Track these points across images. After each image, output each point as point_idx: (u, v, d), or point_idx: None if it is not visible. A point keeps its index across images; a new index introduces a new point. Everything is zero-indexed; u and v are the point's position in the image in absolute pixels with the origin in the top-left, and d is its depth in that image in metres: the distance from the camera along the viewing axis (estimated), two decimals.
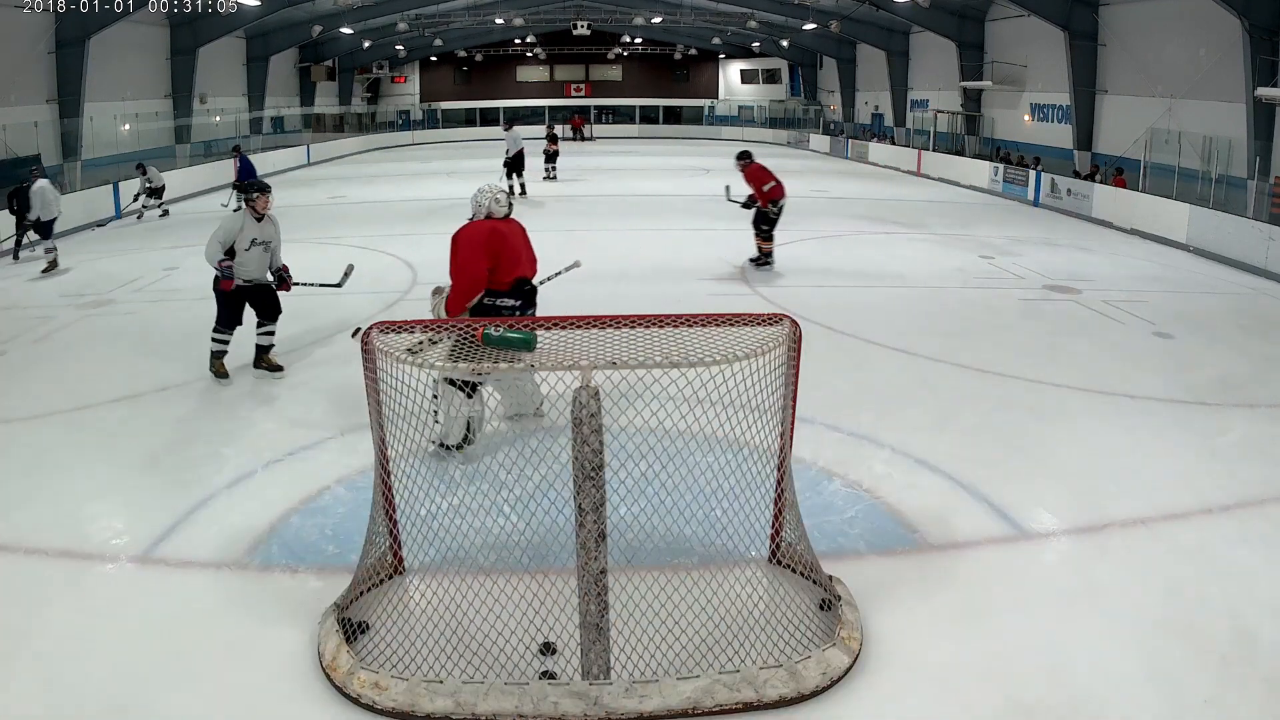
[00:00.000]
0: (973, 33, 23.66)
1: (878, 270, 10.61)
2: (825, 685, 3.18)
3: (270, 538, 4.27)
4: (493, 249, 5.12)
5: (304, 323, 8.16)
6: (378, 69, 38.18)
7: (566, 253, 11.55)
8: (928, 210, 16.56)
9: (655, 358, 3.26)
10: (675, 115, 41.75)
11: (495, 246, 5.13)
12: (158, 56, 22.19)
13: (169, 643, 3.46)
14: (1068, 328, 8.30)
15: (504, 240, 5.19)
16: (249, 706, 3.15)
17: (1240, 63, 14.33)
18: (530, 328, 3.28)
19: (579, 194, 18.58)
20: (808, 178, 18.27)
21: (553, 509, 3.65)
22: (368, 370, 3.56)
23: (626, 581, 3.47)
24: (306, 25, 26.76)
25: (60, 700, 3.15)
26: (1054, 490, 4.83)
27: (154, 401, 6.14)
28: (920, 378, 6.72)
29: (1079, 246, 12.88)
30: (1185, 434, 5.66)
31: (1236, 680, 3.29)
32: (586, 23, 32.32)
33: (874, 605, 3.69)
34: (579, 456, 3.01)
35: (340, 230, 13.09)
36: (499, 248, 5.14)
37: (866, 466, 5.06)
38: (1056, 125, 20.96)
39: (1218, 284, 10.61)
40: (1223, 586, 3.90)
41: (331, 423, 5.65)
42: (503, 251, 5.16)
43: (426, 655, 3.29)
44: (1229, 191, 14.60)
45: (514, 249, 5.26)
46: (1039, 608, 3.74)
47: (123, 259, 11.56)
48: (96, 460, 5.17)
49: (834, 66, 33.43)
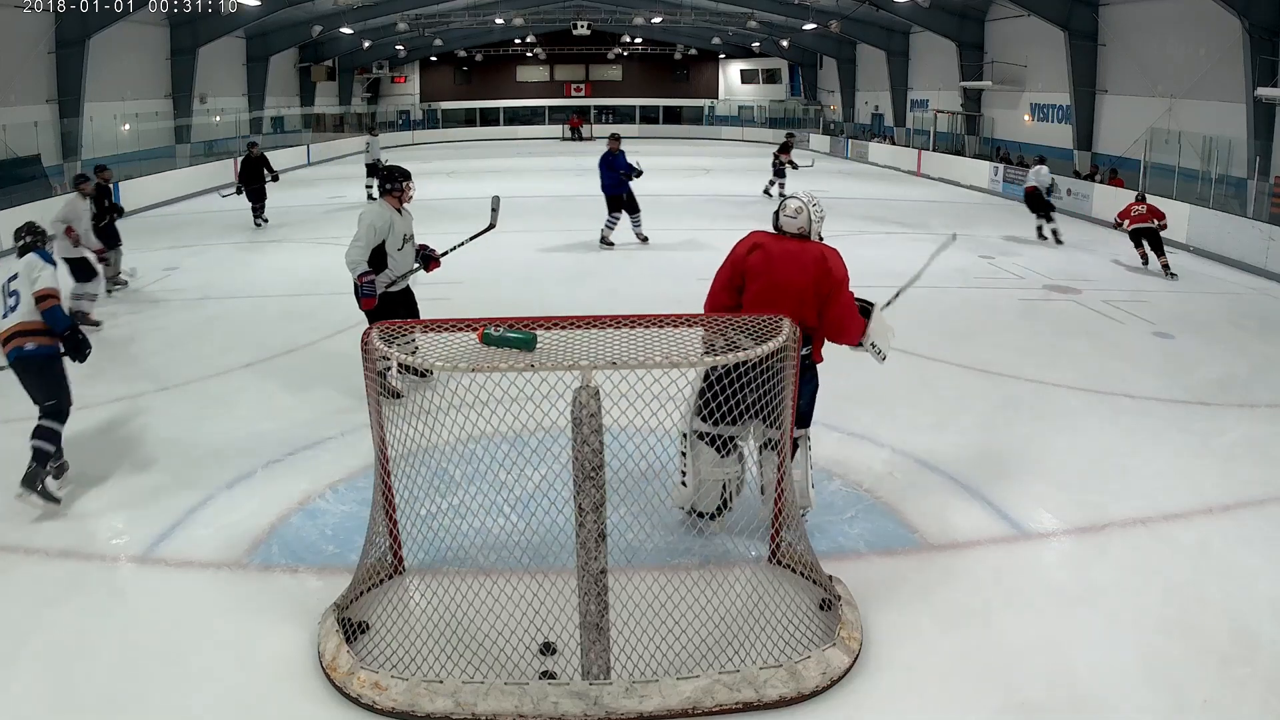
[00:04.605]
0: (973, 33, 23.67)
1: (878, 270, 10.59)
2: (825, 685, 3.18)
3: (270, 538, 4.26)
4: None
5: (304, 322, 8.17)
6: (378, 69, 38.18)
7: (567, 252, 11.61)
8: (928, 210, 16.56)
9: (655, 358, 3.26)
10: (675, 115, 41.76)
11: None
12: (158, 56, 22.18)
13: (169, 643, 3.46)
14: (1068, 328, 8.31)
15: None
16: (249, 706, 3.14)
17: (1240, 63, 14.33)
18: (530, 328, 3.28)
19: (579, 193, 18.57)
20: (808, 178, 18.29)
21: (553, 509, 3.65)
22: (368, 370, 3.56)
23: (626, 581, 3.47)
24: (306, 25, 26.76)
25: (61, 700, 3.15)
26: (1054, 490, 4.83)
27: (154, 401, 6.13)
28: (920, 378, 6.72)
29: (1079, 246, 12.89)
30: (1185, 434, 5.66)
31: (1236, 680, 3.29)
32: (586, 23, 32.34)
33: (874, 605, 3.68)
34: (579, 456, 3.01)
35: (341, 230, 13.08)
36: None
37: (866, 466, 5.06)
38: (1056, 125, 20.96)
39: (1218, 284, 10.61)
40: (1223, 586, 3.90)
41: (331, 423, 5.65)
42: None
43: (426, 655, 3.29)
44: (1229, 191, 14.61)
45: None
46: (1039, 608, 3.74)
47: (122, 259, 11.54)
48: (97, 460, 5.16)
49: (834, 66, 33.44)
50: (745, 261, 4.09)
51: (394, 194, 5.73)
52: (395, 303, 5.76)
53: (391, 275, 5.74)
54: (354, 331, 6.24)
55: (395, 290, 5.80)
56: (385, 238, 5.62)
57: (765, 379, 3.56)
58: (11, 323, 4.66)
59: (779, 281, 4.01)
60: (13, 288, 4.75)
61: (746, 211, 10.60)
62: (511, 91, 42.42)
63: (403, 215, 5.76)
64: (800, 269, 4.00)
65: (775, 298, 3.96)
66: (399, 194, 5.73)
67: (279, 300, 9.16)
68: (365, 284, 5.55)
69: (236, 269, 10.45)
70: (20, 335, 4.64)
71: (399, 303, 5.80)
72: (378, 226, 5.59)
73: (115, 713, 3.11)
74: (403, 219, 5.75)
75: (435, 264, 6.04)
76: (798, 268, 4.01)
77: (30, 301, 4.65)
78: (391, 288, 5.77)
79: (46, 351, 4.67)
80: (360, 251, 5.57)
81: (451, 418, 3.31)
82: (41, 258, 4.85)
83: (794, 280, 3.99)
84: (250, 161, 13.99)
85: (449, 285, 7.75)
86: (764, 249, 4.08)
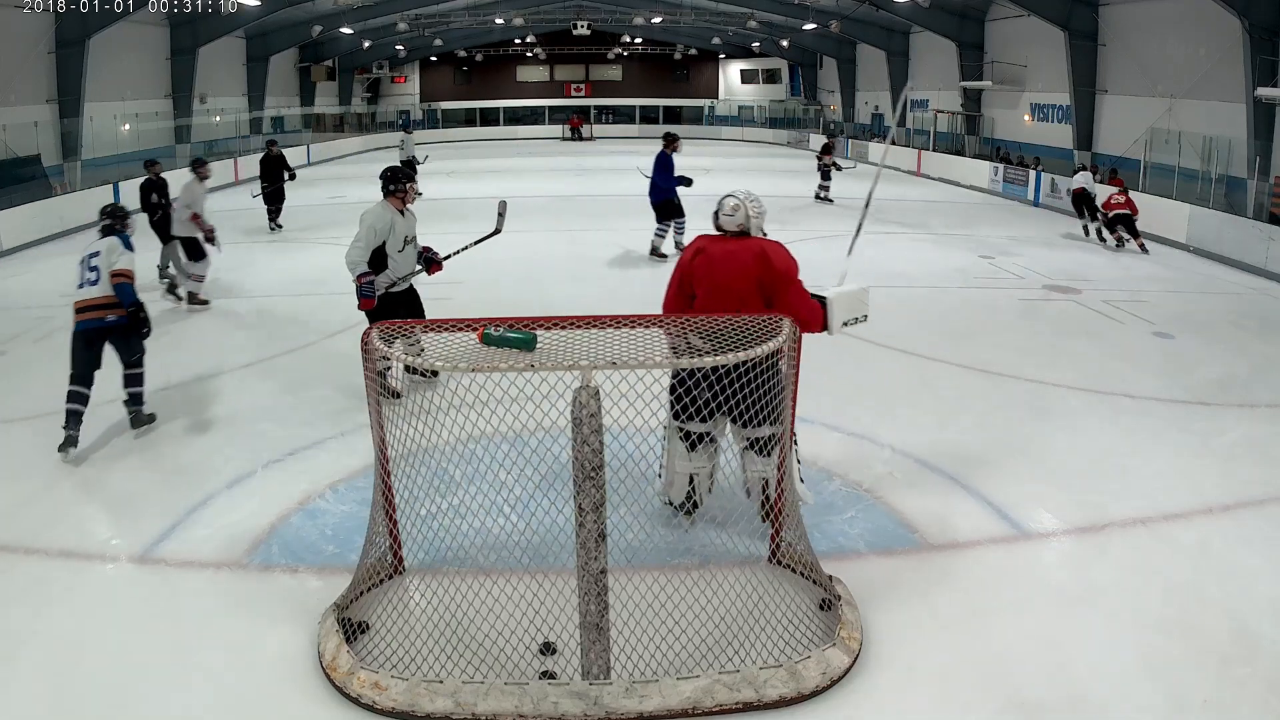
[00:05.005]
0: (973, 33, 23.65)
1: (878, 270, 10.60)
2: (825, 685, 3.18)
3: (270, 538, 4.26)
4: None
5: (304, 322, 8.17)
6: (378, 69, 38.19)
7: (567, 253, 11.61)
8: (928, 210, 16.56)
9: (655, 358, 3.26)
10: (675, 115, 41.74)
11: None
12: (158, 56, 22.18)
13: (169, 643, 3.46)
14: (1068, 328, 8.31)
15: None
16: (249, 706, 3.14)
17: (1240, 63, 14.33)
18: (530, 328, 3.28)
19: (579, 193, 18.58)
20: (808, 178, 18.30)
21: (553, 509, 3.65)
22: (368, 370, 3.56)
23: (626, 581, 3.47)
24: (306, 25, 26.77)
25: (61, 700, 3.15)
26: (1054, 490, 4.83)
27: (154, 401, 6.13)
28: (920, 378, 6.72)
29: (1079, 246, 12.89)
30: (1185, 434, 5.66)
31: (1236, 680, 3.29)
32: (586, 23, 32.34)
33: (874, 605, 3.68)
34: (579, 456, 3.01)
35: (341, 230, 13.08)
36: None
37: (866, 466, 5.05)
38: (1056, 125, 20.96)
39: (1218, 284, 10.62)
40: (1223, 586, 3.90)
41: (331, 423, 5.65)
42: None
43: (426, 655, 3.29)
44: (1229, 191, 14.61)
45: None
46: (1039, 608, 3.74)
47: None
48: (97, 460, 5.16)
49: (834, 66, 33.43)
50: (690, 267, 4.13)
51: (397, 195, 5.71)
52: (397, 303, 5.74)
53: (392, 276, 5.73)
54: (354, 331, 6.24)
55: (397, 290, 5.78)
56: (386, 239, 5.61)
57: (737, 380, 3.57)
58: (89, 295, 5.34)
59: (720, 283, 4.03)
60: (94, 264, 5.38)
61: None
62: (511, 91, 42.42)
63: (405, 217, 5.74)
64: (740, 267, 4.00)
65: (721, 298, 3.99)
66: (402, 195, 5.72)
67: (279, 300, 9.17)
68: (364, 285, 5.53)
69: (236, 269, 10.44)
70: (99, 308, 5.33)
71: (401, 303, 5.78)
72: (378, 228, 5.57)
73: (115, 713, 3.11)
74: (405, 220, 5.73)
75: (437, 267, 6.01)
76: (738, 266, 4.01)
77: (109, 279, 5.31)
78: (393, 288, 5.76)
79: (125, 321, 5.39)
80: (360, 252, 5.55)
81: (451, 418, 3.32)
82: (124, 243, 5.49)
83: (735, 279, 4.00)
84: (269, 160, 13.80)
85: (449, 285, 7.75)
86: (705, 252, 4.10)
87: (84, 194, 15.17)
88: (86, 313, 5.31)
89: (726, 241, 4.11)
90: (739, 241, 4.09)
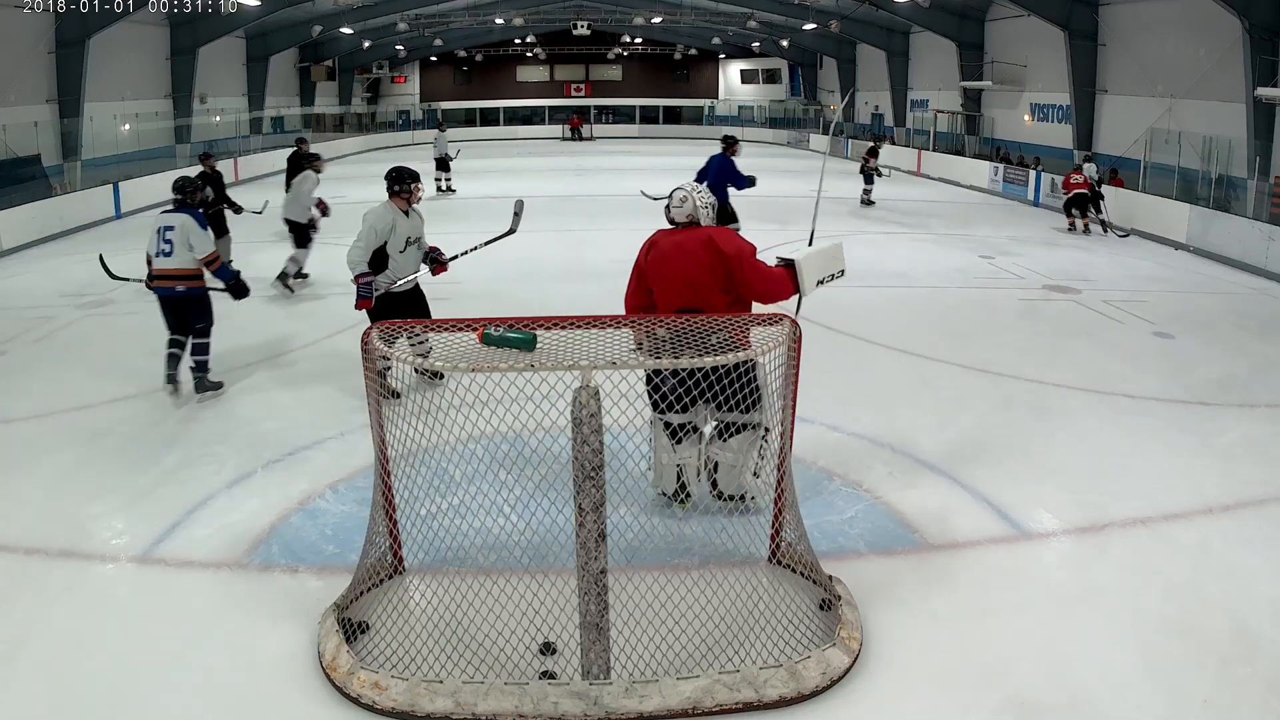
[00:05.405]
0: (973, 33, 23.66)
1: (878, 270, 10.60)
2: (825, 685, 3.18)
3: (270, 538, 4.26)
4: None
5: (304, 321, 8.17)
6: (378, 69, 38.18)
7: (567, 253, 11.61)
8: (928, 210, 16.56)
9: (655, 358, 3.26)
10: (675, 115, 41.77)
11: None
12: (158, 56, 22.19)
13: (169, 643, 3.46)
14: (1068, 328, 8.31)
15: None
16: (249, 706, 3.14)
17: (1240, 63, 14.33)
18: (530, 328, 3.28)
19: (579, 193, 18.58)
20: (808, 178, 18.29)
21: (553, 509, 3.65)
22: (368, 370, 3.56)
23: (626, 581, 3.47)
24: (306, 25, 26.77)
25: (61, 700, 3.15)
26: (1054, 490, 4.83)
27: (154, 401, 6.13)
28: (920, 378, 6.72)
29: (1079, 246, 12.89)
30: (1185, 434, 5.66)
31: (1236, 680, 3.29)
32: (586, 23, 32.35)
33: (874, 605, 3.68)
34: (579, 456, 3.01)
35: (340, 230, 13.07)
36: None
37: (866, 466, 5.06)
38: (1056, 125, 20.96)
39: (1218, 284, 10.62)
40: (1223, 586, 3.90)
41: (331, 423, 5.65)
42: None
43: (426, 655, 3.29)
44: (1229, 191, 14.61)
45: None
46: (1039, 608, 3.74)
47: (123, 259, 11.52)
48: (96, 460, 5.16)
49: (834, 66, 33.45)
50: (644, 263, 4.28)
51: (401, 195, 5.65)
52: (400, 303, 5.70)
53: (393, 277, 5.70)
54: (354, 331, 6.24)
55: (400, 291, 5.74)
56: (387, 239, 5.57)
57: (712, 374, 3.65)
58: (163, 265, 5.97)
59: (672, 273, 4.15)
60: (168, 236, 5.94)
61: (747, 211, 10.65)
62: (511, 91, 42.42)
63: (409, 217, 5.69)
64: (690, 256, 4.11)
65: (676, 289, 4.13)
66: (407, 195, 5.66)
67: (279, 300, 9.17)
68: (362, 285, 5.50)
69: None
70: (171, 278, 5.98)
71: (404, 303, 5.74)
72: (379, 228, 5.54)
73: (115, 713, 3.11)
74: (408, 221, 5.68)
75: (442, 268, 5.94)
76: (688, 256, 4.12)
77: (184, 252, 5.92)
78: (395, 289, 5.73)
79: (196, 292, 6.06)
80: (360, 252, 5.52)
81: (451, 418, 3.32)
82: (198, 222, 6.02)
83: (686, 269, 4.12)
84: (296, 158, 13.61)
85: (449, 285, 7.73)
86: (658, 246, 4.24)
87: (84, 194, 15.17)
88: (160, 280, 6.00)
89: (675, 233, 4.24)
90: (687, 232, 4.21)
